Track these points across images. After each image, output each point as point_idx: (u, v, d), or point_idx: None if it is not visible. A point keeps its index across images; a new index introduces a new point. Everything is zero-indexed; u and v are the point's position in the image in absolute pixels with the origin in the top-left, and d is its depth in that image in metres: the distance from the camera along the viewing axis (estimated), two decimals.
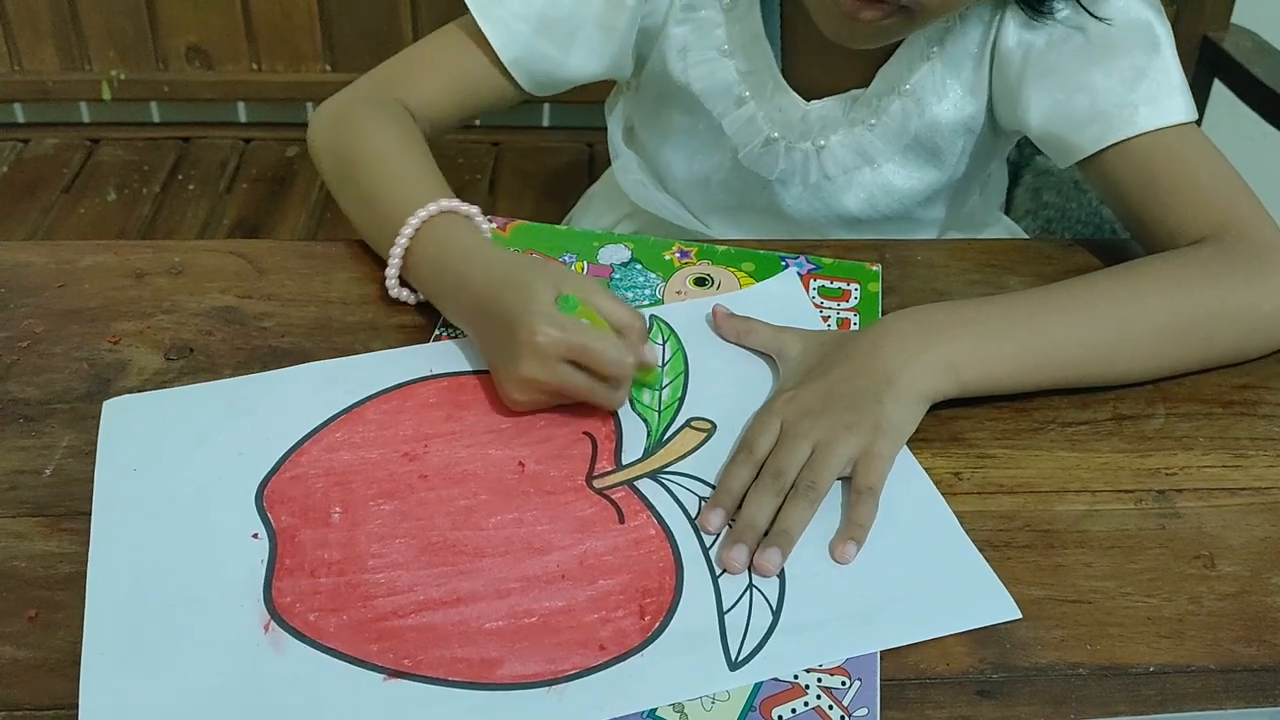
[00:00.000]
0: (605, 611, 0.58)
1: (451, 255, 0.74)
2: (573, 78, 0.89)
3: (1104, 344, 0.71)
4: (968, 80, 0.86)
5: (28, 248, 0.86)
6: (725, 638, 0.57)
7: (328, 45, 1.45)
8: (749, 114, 0.89)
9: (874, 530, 0.62)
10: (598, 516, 0.63)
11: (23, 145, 1.48)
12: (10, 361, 0.73)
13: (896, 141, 0.89)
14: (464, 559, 0.61)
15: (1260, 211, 0.78)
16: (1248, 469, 0.69)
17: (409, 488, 0.65)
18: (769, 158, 0.90)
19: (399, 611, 0.58)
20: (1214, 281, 0.73)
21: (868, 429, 0.65)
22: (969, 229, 1.02)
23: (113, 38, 1.45)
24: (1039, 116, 0.83)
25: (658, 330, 0.76)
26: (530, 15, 0.85)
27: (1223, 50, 1.34)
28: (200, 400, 0.70)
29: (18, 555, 0.61)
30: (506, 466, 0.66)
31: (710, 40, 0.88)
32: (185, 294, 0.79)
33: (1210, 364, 0.74)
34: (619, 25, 0.87)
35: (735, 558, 0.61)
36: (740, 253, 0.83)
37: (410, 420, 0.69)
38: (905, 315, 0.71)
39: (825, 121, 0.88)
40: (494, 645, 0.57)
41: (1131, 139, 0.80)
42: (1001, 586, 0.60)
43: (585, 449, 0.67)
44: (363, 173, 0.81)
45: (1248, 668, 0.57)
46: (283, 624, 0.58)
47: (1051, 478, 0.67)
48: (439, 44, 0.89)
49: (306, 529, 0.63)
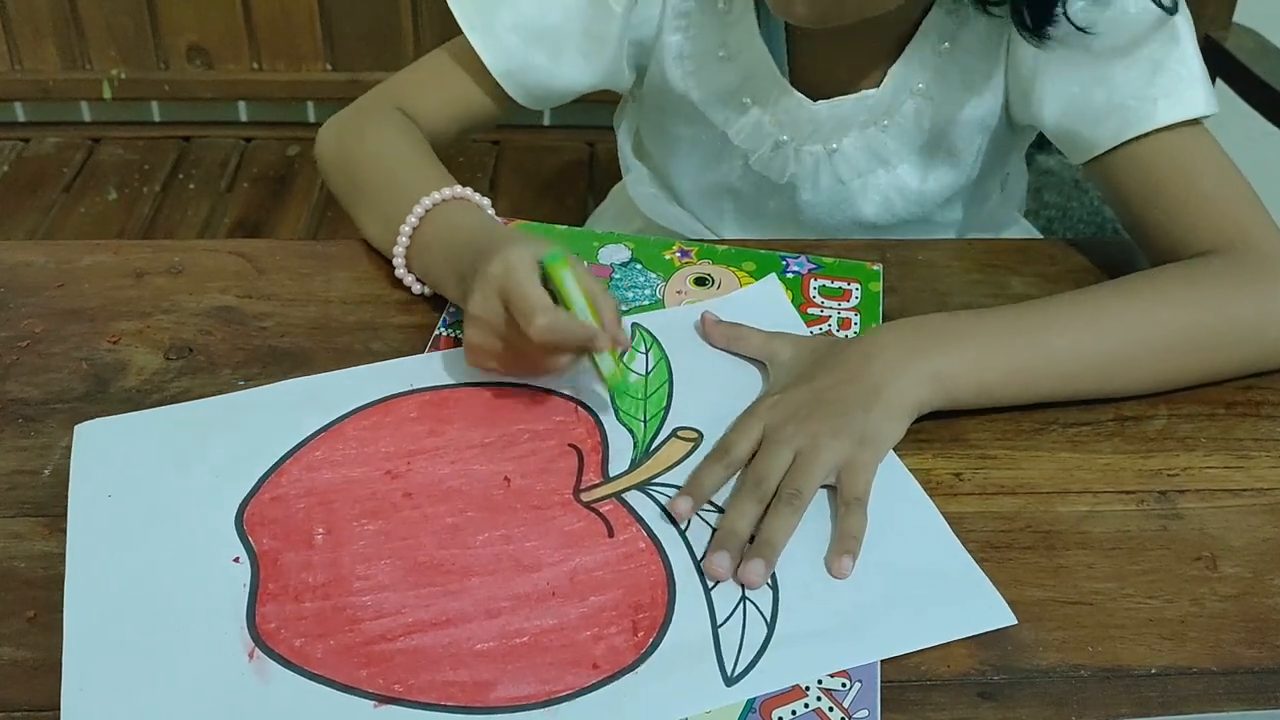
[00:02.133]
0: (598, 629, 0.57)
1: (464, 232, 0.74)
2: (567, 89, 0.88)
3: (1103, 361, 0.70)
4: (982, 76, 0.85)
5: (28, 247, 0.86)
6: (720, 652, 0.57)
7: (328, 44, 1.44)
8: (754, 119, 0.88)
9: (867, 539, 0.62)
10: (586, 531, 0.63)
11: (23, 144, 1.48)
12: (10, 361, 0.73)
13: (911, 142, 0.88)
14: (452, 579, 0.60)
15: (1268, 224, 0.76)
16: (1250, 470, 0.68)
17: (393, 506, 0.64)
18: (779, 161, 0.89)
19: (387, 635, 0.57)
20: (1221, 301, 0.72)
21: (852, 437, 0.64)
22: (988, 230, 1.00)
23: (113, 37, 1.45)
24: (1054, 111, 0.82)
25: (640, 339, 0.75)
26: (519, 27, 0.85)
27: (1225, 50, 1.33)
28: (175, 421, 0.68)
29: (16, 555, 0.61)
30: (492, 482, 0.65)
31: (707, 45, 0.87)
32: (185, 294, 0.79)
33: (1210, 380, 0.73)
34: (609, 34, 0.86)
35: (718, 564, 0.60)
36: (741, 252, 0.83)
37: (391, 436, 0.68)
38: (900, 325, 0.70)
39: (836, 122, 0.87)
40: (486, 667, 0.55)
41: (1143, 138, 0.78)
42: (996, 593, 0.60)
43: (571, 462, 0.66)
44: (371, 174, 0.82)
45: (1250, 669, 0.57)
46: (268, 651, 0.56)
47: (1053, 479, 0.67)
48: (436, 61, 0.90)
49: (289, 551, 0.61)
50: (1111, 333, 0.70)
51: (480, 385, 0.71)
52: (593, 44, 0.86)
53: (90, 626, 0.57)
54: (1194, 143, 0.79)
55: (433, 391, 0.71)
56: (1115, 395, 0.72)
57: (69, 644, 0.56)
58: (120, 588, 0.59)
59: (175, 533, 0.62)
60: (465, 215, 0.76)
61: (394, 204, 0.77)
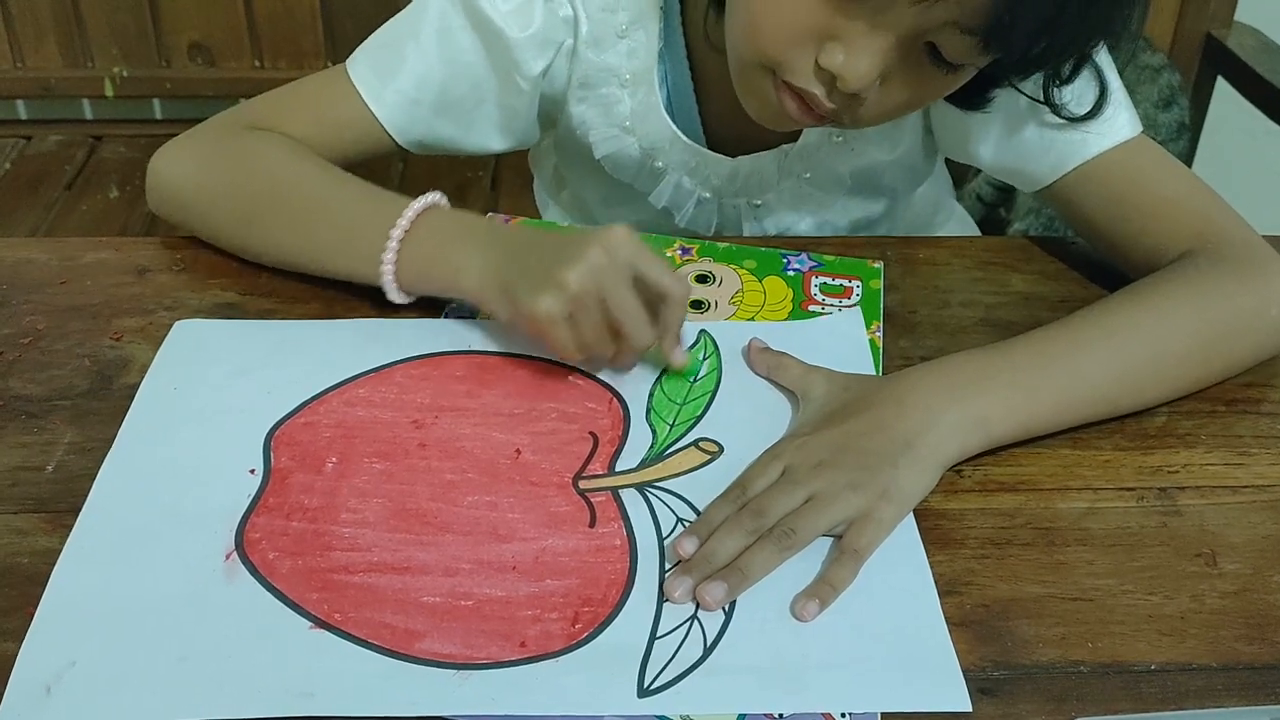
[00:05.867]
0: (540, 610, 0.57)
1: (466, 225, 0.73)
2: (474, 152, 0.87)
3: (1134, 376, 0.69)
4: (899, 123, 0.85)
5: (30, 244, 0.86)
6: (646, 663, 0.55)
7: (330, 42, 1.45)
8: (673, 181, 0.88)
9: (848, 592, 0.58)
10: (570, 516, 0.63)
11: (25, 142, 1.49)
12: (12, 358, 0.73)
13: (836, 188, 0.89)
14: (429, 531, 0.62)
15: (1232, 213, 0.77)
16: (1250, 467, 0.68)
17: (404, 453, 0.66)
18: (704, 216, 0.90)
19: (350, 567, 0.59)
20: (1226, 296, 0.72)
21: (874, 492, 0.61)
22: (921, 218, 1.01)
23: (115, 35, 1.45)
24: (991, 151, 0.83)
25: (704, 345, 0.75)
26: (426, 98, 0.82)
27: (1226, 48, 1.34)
28: (256, 335, 0.74)
29: (19, 551, 0.61)
30: (503, 450, 0.66)
31: (612, 118, 0.86)
32: (187, 291, 0.79)
33: (1229, 375, 0.73)
34: (519, 105, 0.85)
35: (675, 585, 0.58)
36: (741, 250, 0.83)
37: (431, 389, 0.70)
38: (931, 370, 0.67)
39: (757, 178, 0.87)
40: (423, 619, 0.57)
41: (1089, 161, 0.79)
42: (959, 675, 0.55)
43: (585, 448, 0.67)
44: (291, 190, 0.78)
45: (1250, 666, 0.57)
46: (243, 557, 0.60)
47: (1053, 475, 0.67)
48: (319, 92, 0.84)
49: (299, 473, 0.64)
50: (1135, 347, 0.69)
51: (531, 359, 0.72)
52: (505, 115, 0.85)
53: (111, 496, 0.63)
54: (1141, 153, 0.80)
55: (484, 356, 0.73)
56: (1147, 407, 0.71)
57: (85, 511, 0.62)
58: (149, 470, 0.64)
59: (210, 436, 0.67)
60: (455, 213, 0.74)
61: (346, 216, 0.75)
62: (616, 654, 0.55)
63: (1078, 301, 0.74)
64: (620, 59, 0.84)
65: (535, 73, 0.83)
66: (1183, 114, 1.27)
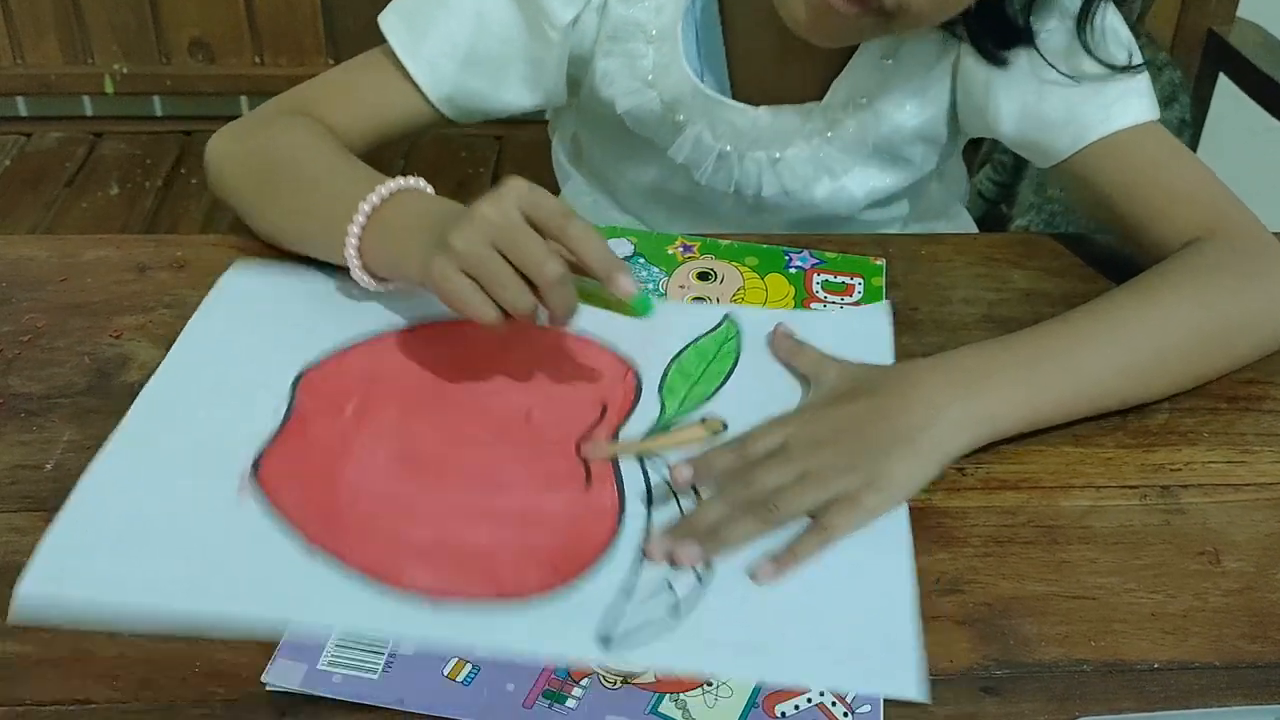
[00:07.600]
0: (520, 558, 0.60)
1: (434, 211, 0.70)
2: (504, 110, 0.88)
3: (1138, 369, 0.69)
4: (924, 90, 0.86)
5: (30, 241, 0.86)
6: (616, 620, 0.57)
7: (330, 39, 1.44)
8: (694, 134, 0.88)
9: (826, 579, 0.59)
10: (566, 474, 0.65)
11: (25, 139, 1.48)
12: (12, 356, 0.73)
13: (857, 153, 0.88)
14: (429, 476, 0.64)
15: (1242, 206, 0.78)
16: (1253, 465, 0.68)
17: (422, 404, 0.69)
18: (723, 171, 0.89)
19: (352, 503, 0.63)
20: (1230, 289, 0.72)
21: (862, 477, 0.62)
22: (930, 219, 1.01)
23: (115, 31, 1.45)
24: (1011, 123, 0.83)
25: (728, 327, 0.75)
26: (457, 54, 0.83)
27: (1228, 45, 1.33)
28: (304, 282, 0.77)
29: (19, 550, 0.61)
30: (515, 411, 0.69)
31: (635, 71, 0.86)
32: (188, 288, 0.79)
33: (1233, 369, 0.73)
34: (548, 58, 0.85)
35: (654, 547, 0.60)
36: (744, 247, 0.83)
37: (454, 349, 0.72)
38: (936, 365, 0.68)
39: (779, 131, 0.87)
40: (409, 555, 0.60)
41: (1108, 137, 0.79)
42: (913, 661, 0.56)
43: (593, 415, 0.69)
44: (294, 168, 0.79)
45: (1253, 664, 0.57)
46: (255, 487, 0.63)
47: (1056, 473, 0.67)
48: (359, 73, 0.87)
49: (319, 416, 0.68)
50: (1138, 340, 0.69)
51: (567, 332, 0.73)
52: (534, 69, 0.86)
53: (148, 418, 0.68)
54: (1160, 138, 0.81)
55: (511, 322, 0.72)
56: (1151, 400, 0.71)
57: (123, 424, 0.67)
58: (185, 397, 0.69)
59: (246, 372, 0.70)
60: (427, 198, 0.73)
61: (330, 196, 0.74)
62: (585, 607, 0.58)
63: (1080, 297, 0.74)
64: (649, 14, 0.84)
65: (564, 21, 0.84)
66: (1184, 111, 1.27)
